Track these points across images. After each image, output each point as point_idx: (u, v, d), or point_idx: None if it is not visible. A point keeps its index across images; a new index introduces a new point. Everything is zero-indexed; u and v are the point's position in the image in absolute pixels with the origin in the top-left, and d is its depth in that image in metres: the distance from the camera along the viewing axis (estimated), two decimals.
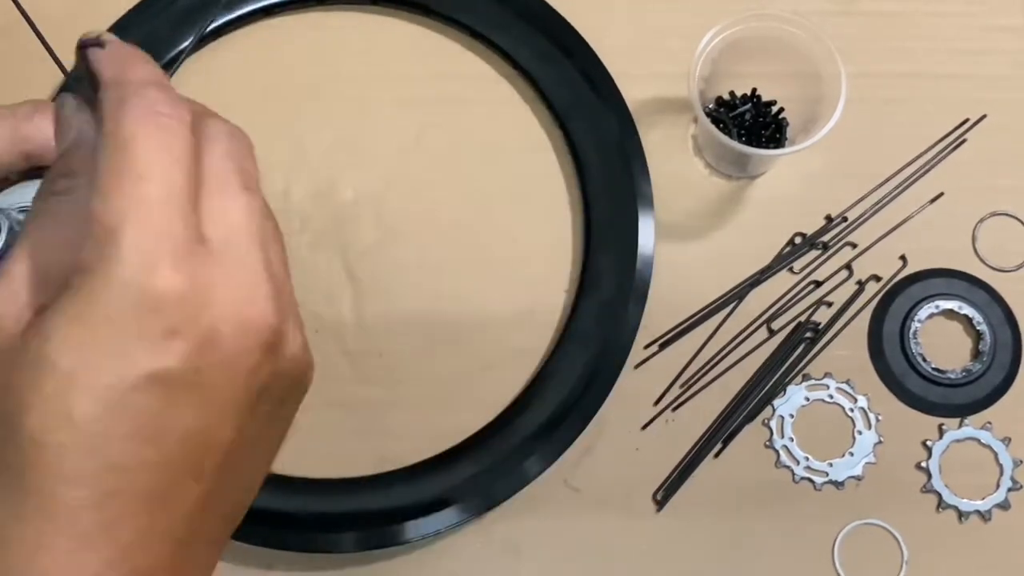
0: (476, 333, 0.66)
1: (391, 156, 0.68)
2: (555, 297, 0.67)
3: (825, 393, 0.65)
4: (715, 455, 0.64)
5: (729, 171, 0.68)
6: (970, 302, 0.66)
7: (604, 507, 0.63)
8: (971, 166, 0.68)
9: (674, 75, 0.64)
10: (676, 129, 0.69)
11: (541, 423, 0.63)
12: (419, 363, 0.66)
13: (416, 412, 0.65)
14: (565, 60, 0.68)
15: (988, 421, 0.64)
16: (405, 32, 0.71)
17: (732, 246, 0.67)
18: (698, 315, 0.66)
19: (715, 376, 0.65)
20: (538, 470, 0.62)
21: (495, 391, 0.65)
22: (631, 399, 0.64)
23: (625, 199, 0.66)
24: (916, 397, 0.65)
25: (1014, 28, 0.71)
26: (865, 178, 0.68)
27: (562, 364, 0.64)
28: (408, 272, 0.67)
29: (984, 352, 0.65)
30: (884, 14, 0.71)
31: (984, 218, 0.67)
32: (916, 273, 0.66)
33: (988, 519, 0.63)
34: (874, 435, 0.64)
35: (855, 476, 0.63)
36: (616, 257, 0.65)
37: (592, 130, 0.67)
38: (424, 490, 0.62)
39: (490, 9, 0.69)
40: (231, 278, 0.28)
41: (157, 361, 0.26)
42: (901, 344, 0.65)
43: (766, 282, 0.66)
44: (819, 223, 0.67)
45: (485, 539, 0.63)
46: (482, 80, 0.70)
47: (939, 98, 0.69)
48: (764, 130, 0.66)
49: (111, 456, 0.26)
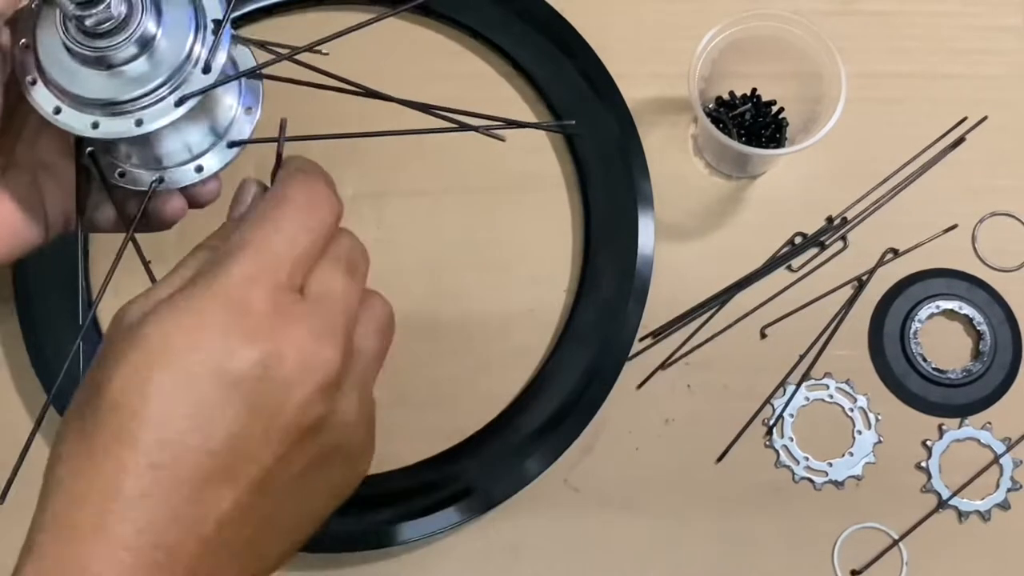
0: (476, 333, 0.66)
1: (391, 156, 0.68)
2: (555, 297, 0.67)
3: (825, 393, 0.65)
4: (716, 460, 0.64)
5: (729, 171, 0.68)
6: (970, 302, 0.66)
7: (604, 507, 0.63)
8: (971, 166, 0.68)
9: (674, 75, 0.64)
10: (676, 129, 0.69)
11: (541, 423, 0.63)
12: (419, 363, 0.66)
13: (416, 412, 0.65)
14: (565, 60, 0.68)
15: (988, 421, 0.64)
16: (405, 32, 0.71)
17: (732, 246, 0.67)
18: (697, 309, 0.66)
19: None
20: (538, 470, 0.62)
21: (495, 391, 0.65)
22: (631, 399, 0.64)
23: (625, 199, 0.66)
24: (916, 397, 0.65)
25: (1014, 28, 0.71)
26: (865, 178, 0.68)
27: (562, 364, 0.64)
28: (408, 272, 0.67)
29: (984, 352, 0.65)
30: (884, 14, 0.71)
31: (984, 218, 0.67)
32: (916, 273, 0.66)
33: (988, 519, 0.63)
34: (874, 435, 0.64)
35: (855, 476, 0.63)
36: (616, 257, 0.65)
37: (592, 130, 0.67)
38: (424, 490, 0.62)
39: (490, 9, 0.69)
40: (310, 322, 0.32)
41: (228, 361, 0.30)
42: (901, 344, 0.65)
43: (765, 280, 0.66)
44: (819, 223, 0.67)
45: (485, 539, 0.63)
46: (482, 80, 0.70)
47: (939, 98, 0.69)
48: (764, 130, 0.66)
49: (167, 432, 0.30)
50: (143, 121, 0.36)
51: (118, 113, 0.36)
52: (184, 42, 0.37)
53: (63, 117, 0.37)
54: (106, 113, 0.37)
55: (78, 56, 0.36)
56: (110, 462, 0.30)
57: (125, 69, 0.36)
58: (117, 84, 0.36)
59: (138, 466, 0.29)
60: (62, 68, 0.36)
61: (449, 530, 0.62)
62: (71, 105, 0.37)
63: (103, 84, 0.36)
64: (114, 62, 0.36)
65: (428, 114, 0.40)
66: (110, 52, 0.36)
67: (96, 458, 0.30)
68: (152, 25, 0.36)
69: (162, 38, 0.36)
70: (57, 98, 0.37)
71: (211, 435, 0.30)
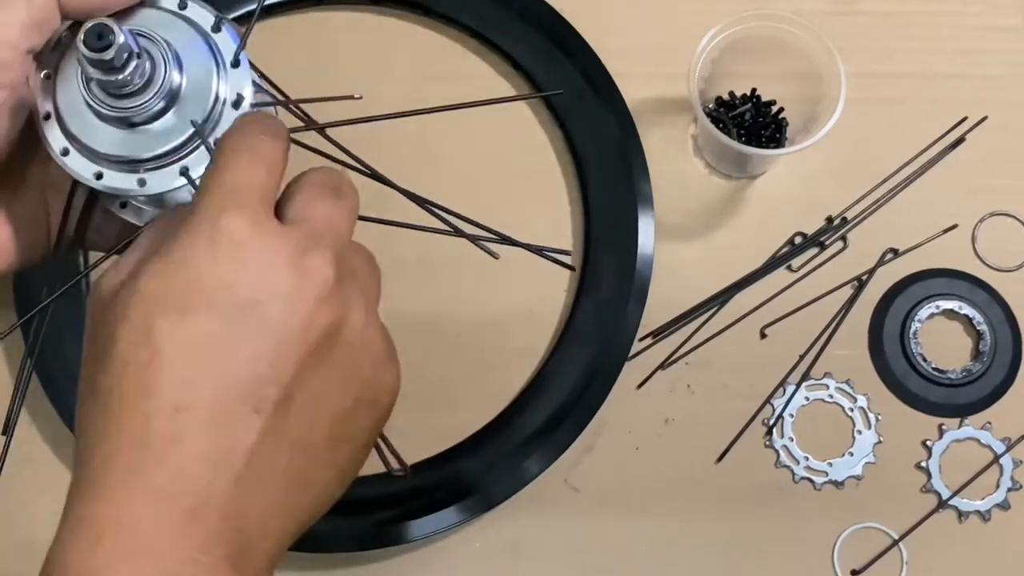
0: (476, 333, 0.66)
1: (392, 157, 0.68)
2: (555, 297, 0.67)
3: (825, 393, 0.65)
4: (716, 460, 0.64)
5: (729, 171, 0.68)
6: (970, 302, 0.66)
7: (604, 507, 0.63)
8: (970, 166, 0.68)
9: (674, 75, 0.64)
10: (676, 129, 0.69)
11: (541, 423, 0.63)
12: (419, 363, 0.66)
13: (416, 412, 0.65)
14: (565, 60, 0.68)
15: (988, 421, 0.64)
16: (405, 32, 0.71)
17: (732, 246, 0.67)
18: (697, 309, 0.66)
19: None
20: (538, 470, 0.62)
21: (495, 391, 0.65)
22: (631, 399, 0.64)
23: (625, 199, 0.66)
24: (916, 397, 0.65)
25: (1014, 28, 0.71)
26: (865, 178, 0.68)
27: (562, 364, 0.64)
28: (408, 272, 0.67)
29: (984, 352, 0.65)
30: (883, 14, 0.71)
31: (984, 218, 0.67)
32: (916, 273, 0.66)
33: (988, 519, 0.63)
34: (874, 435, 0.64)
35: (855, 476, 0.63)
36: (616, 257, 0.65)
37: (592, 130, 0.67)
38: (424, 490, 0.62)
39: (490, 9, 0.69)
40: (295, 238, 0.32)
41: (224, 291, 0.31)
42: (901, 344, 0.65)
43: (764, 280, 0.66)
44: (819, 223, 0.67)
45: (485, 539, 0.63)
46: (482, 80, 0.70)
47: (939, 98, 0.69)
48: (764, 130, 0.66)
49: (182, 371, 0.30)
50: (147, 182, 0.36)
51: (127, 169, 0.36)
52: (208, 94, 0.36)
53: (70, 160, 0.36)
54: (114, 167, 0.36)
55: (99, 114, 0.35)
56: (135, 415, 0.30)
57: (150, 127, 0.35)
58: (135, 141, 0.35)
59: (162, 411, 0.30)
60: (79, 116, 0.36)
61: (449, 530, 0.62)
62: (80, 150, 0.36)
63: (120, 140, 0.35)
64: (136, 122, 0.35)
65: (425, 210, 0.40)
66: (134, 113, 0.35)
67: (120, 415, 0.30)
68: (176, 77, 0.35)
69: (187, 89, 0.36)
70: (67, 140, 0.36)
71: (226, 366, 0.31)
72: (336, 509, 0.65)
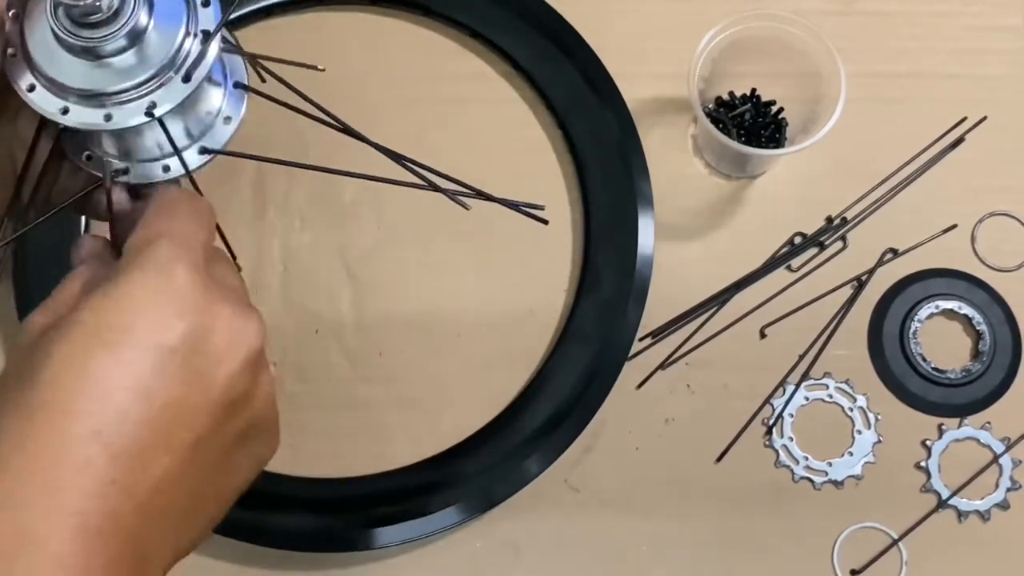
0: (476, 333, 0.66)
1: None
2: (555, 297, 0.67)
3: (824, 393, 0.65)
4: (716, 459, 0.64)
5: (729, 171, 0.68)
6: (970, 302, 0.66)
7: (604, 507, 0.63)
8: (970, 166, 0.68)
9: (674, 75, 0.64)
10: (676, 129, 0.69)
11: (541, 423, 0.63)
12: (419, 363, 0.66)
13: (416, 412, 0.65)
14: (565, 60, 0.68)
15: (987, 421, 0.64)
16: (405, 32, 0.71)
17: (732, 246, 0.67)
18: (697, 309, 0.66)
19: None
20: (538, 470, 0.62)
21: (495, 391, 0.65)
22: (631, 399, 0.64)
23: (625, 199, 0.66)
24: (916, 397, 0.65)
25: (1014, 28, 0.71)
26: (865, 178, 0.68)
27: (562, 364, 0.64)
28: (408, 272, 0.67)
29: (984, 352, 0.65)
30: (884, 14, 0.71)
31: (983, 218, 0.67)
32: (916, 273, 0.66)
33: (987, 519, 0.63)
34: (873, 435, 0.64)
35: (854, 476, 0.63)
36: (616, 257, 0.65)
37: (592, 130, 0.67)
38: (424, 490, 0.62)
39: (490, 9, 0.69)
40: (231, 300, 0.35)
41: (163, 334, 0.33)
42: (901, 344, 0.65)
43: (764, 280, 0.66)
44: (819, 223, 0.67)
45: (485, 539, 0.63)
46: (482, 80, 0.70)
47: (939, 98, 0.69)
48: (764, 130, 0.66)
49: (108, 402, 0.31)
50: (113, 116, 0.36)
51: (93, 104, 0.36)
52: (174, 39, 0.36)
53: (35, 96, 0.36)
54: (80, 102, 0.36)
55: (64, 43, 0.35)
56: (55, 434, 0.31)
57: (112, 61, 0.36)
58: (99, 75, 0.36)
59: (82, 436, 0.31)
60: (46, 49, 0.36)
61: (449, 530, 0.62)
62: (46, 86, 0.36)
63: (85, 73, 0.36)
64: (101, 53, 0.35)
65: (399, 164, 0.40)
66: (98, 43, 0.35)
67: (41, 432, 0.31)
68: (144, 18, 0.36)
69: (153, 32, 0.36)
70: (34, 76, 0.36)
71: (150, 404, 0.32)
72: (336, 509, 0.66)
